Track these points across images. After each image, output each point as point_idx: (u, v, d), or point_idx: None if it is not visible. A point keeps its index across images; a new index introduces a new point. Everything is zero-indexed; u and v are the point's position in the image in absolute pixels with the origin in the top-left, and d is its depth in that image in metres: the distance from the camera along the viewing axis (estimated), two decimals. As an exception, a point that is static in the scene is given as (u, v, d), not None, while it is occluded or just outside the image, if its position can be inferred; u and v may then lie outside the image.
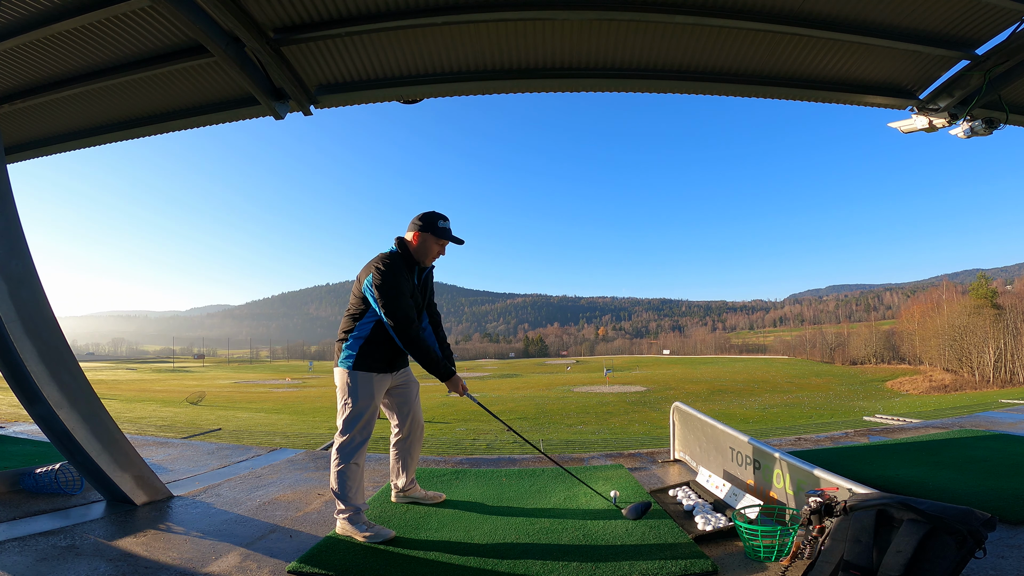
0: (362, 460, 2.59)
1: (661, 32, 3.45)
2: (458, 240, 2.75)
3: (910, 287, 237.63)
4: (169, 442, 4.98)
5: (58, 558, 2.24)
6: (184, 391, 52.53)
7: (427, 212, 2.72)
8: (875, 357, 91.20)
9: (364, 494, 2.63)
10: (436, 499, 3.05)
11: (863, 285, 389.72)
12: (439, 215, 2.73)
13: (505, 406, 41.91)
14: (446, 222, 2.73)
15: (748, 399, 46.69)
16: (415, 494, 3.05)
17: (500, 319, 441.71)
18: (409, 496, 3.04)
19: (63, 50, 3.44)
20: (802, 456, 2.71)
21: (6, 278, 2.59)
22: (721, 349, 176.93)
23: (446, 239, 2.72)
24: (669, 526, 2.57)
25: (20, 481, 3.22)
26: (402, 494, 3.03)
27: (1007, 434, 4.39)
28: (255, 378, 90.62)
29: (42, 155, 4.73)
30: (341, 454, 2.55)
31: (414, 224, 2.71)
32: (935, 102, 4.20)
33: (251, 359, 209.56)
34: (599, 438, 26.80)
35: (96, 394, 2.92)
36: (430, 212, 2.72)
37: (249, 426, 30.07)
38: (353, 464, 2.54)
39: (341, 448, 2.56)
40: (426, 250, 2.71)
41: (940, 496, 2.70)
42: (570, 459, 4.13)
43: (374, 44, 3.47)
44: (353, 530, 2.48)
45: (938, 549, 1.60)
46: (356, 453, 2.56)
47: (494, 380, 78.84)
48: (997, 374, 58.69)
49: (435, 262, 2.82)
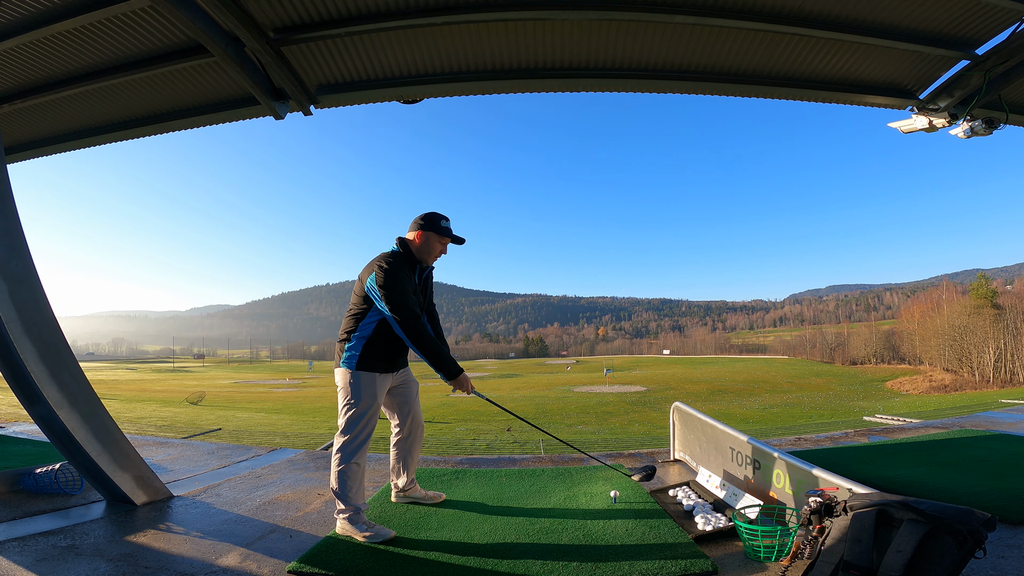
0: (363, 460, 2.59)
1: (661, 32, 3.45)
2: (459, 239, 2.78)
3: (910, 287, 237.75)
4: (169, 442, 4.98)
5: (58, 558, 2.24)
6: (184, 391, 52.53)
7: (429, 212, 2.76)
8: (875, 357, 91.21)
9: (364, 494, 2.63)
10: (436, 499, 3.06)
11: (863, 285, 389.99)
12: (441, 215, 2.77)
13: (505, 406, 41.79)
14: (447, 222, 2.77)
15: (748, 399, 46.68)
16: (415, 494, 3.05)
17: (500, 319, 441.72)
18: (409, 496, 3.04)
19: (63, 50, 3.44)
20: (802, 456, 2.71)
21: (6, 278, 2.59)
22: (721, 349, 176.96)
23: (448, 238, 2.75)
24: (669, 526, 2.57)
25: (20, 481, 3.22)
26: (402, 494, 3.04)
27: (1007, 434, 4.39)
28: (255, 378, 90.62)
29: (42, 155, 4.73)
30: (342, 454, 2.55)
31: (416, 223, 2.73)
32: (935, 102, 4.20)
33: (251, 359, 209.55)
34: (599, 438, 26.80)
35: (96, 394, 2.92)
36: (432, 212, 2.76)
37: (249, 426, 30.07)
38: (354, 464, 2.54)
39: (342, 448, 2.56)
40: (429, 248, 2.73)
41: (940, 496, 2.70)
42: (570, 459, 4.13)
43: (374, 44, 3.48)
44: (353, 530, 2.48)
45: (938, 549, 1.60)
46: (357, 453, 2.56)
47: (494, 380, 78.82)
48: (997, 374, 58.69)
49: (435, 263, 2.84)
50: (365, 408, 2.59)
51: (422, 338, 2.55)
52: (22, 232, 2.67)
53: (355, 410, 2.58)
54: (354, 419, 2.58)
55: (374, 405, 2.63)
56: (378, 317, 2.61)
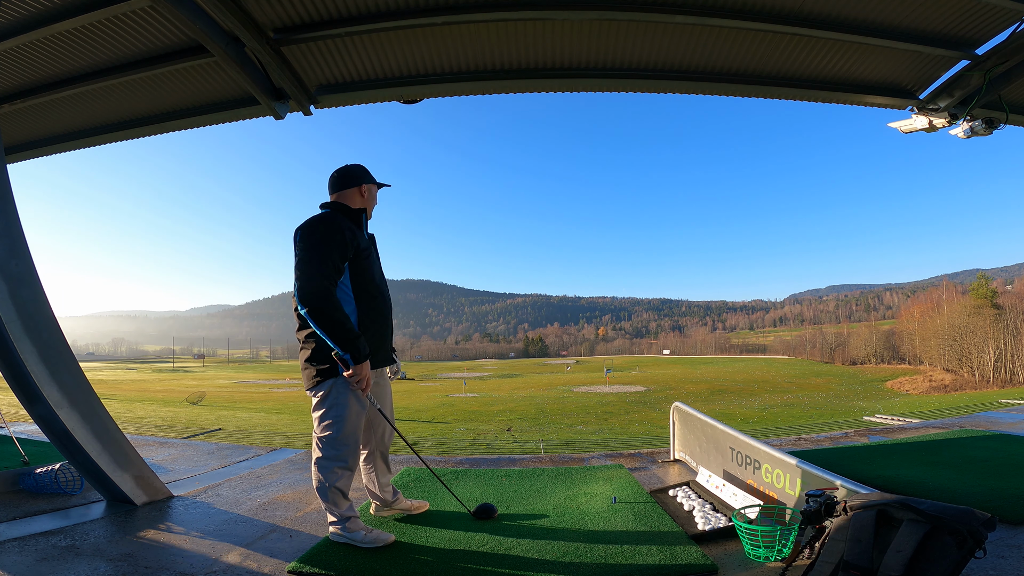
0: (355, 465, 2.52)
1: (661, 32, 3.45)
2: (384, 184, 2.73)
3: (910, 287, 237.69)
4: (169, 442, 4.98)
5: (58, 558, 2.24)
6: (184, 391, 52.54)
7: (342, 168, 2.63)
8: (875, 357, 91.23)
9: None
10: (420, 508, 2.88)
11: (863, 285, 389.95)
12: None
13: (505, 406, 41.88)
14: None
15: (748, 399, 46.69)
16: (400, 505, 2.85)
17: (500, 319, 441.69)
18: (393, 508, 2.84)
19: (63, 50, 3.44)
20: (802, 456, 2.71)
21: (6, 278, 2.59)
22: (721, 349, 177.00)
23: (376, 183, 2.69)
24: (669, 526, 2.57)
25: (20, 481, 3.22)
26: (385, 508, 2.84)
27: (1007, 434, 4.39)
28: (255, 378, 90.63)
29: (42, 155, 4.73)
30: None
31: (349, 181, 2.59)
32: (935, 102, 4.20)
33: (251, 359, 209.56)
34: (599, 438, 26.80)
35: (96, 394, 2.92)
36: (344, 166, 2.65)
37: (249, 426, 30.08)
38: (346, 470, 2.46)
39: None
40: (374, 197, 2.68)
41: (940, 496, 2.70)
42: (570, 459, 4.13)
43: (374, 44, 3.48)
44: (351, 538, 2.44)
45: (938, 549, 1.60)
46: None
47: (494, 380, 78.81)
48: (997, 374, 58.71)
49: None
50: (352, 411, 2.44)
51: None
52: (22, 232, 2.67)
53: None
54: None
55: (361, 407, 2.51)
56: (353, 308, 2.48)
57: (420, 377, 21.56)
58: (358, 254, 2.43)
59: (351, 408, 2.37)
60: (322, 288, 2.22)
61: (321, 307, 2.21)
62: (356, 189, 2.60)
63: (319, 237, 2.30)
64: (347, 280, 2.41)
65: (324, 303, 2.21)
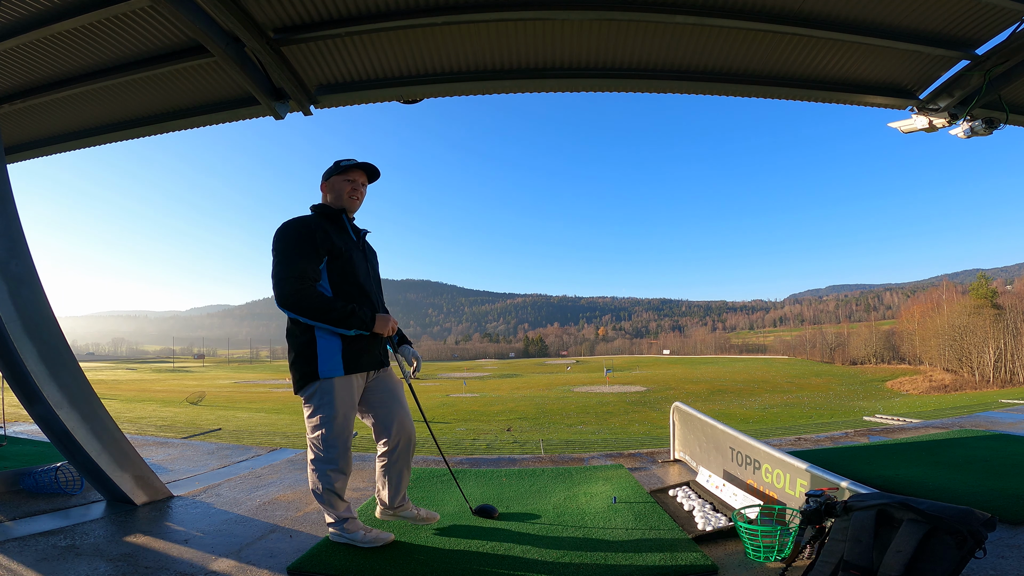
0: (348, 467, 2.47)
1: (661, 32, 3.45)
2: (366, 165, 2.53)
3: (910, 287, 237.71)
4: (169, 442, 4.98)
5: (58, 558, 2.24)
6: (184, 391, 52.54)
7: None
8: (875, 357, 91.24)
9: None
10: (431, 519, 2.73)
11: (863, 285, 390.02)
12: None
13: (505, 406, 41.88)
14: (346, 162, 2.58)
15: (748, 399, 46.70)
16: (406, 512, 2.74)
17: (500, 319, 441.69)
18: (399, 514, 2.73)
19: (63, 50, 3.44)
20: (802, 456, 2.71)
21: (6, 278, 2.59)
22: (721, 349, 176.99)
23: (352, 170, 2.51)
24: (669, 526, 2.57)
25: (20, 481, 3.22)
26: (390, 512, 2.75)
27: (1007, 434, 4.40)
28: (255, 378, 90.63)
29: (42, 155, 4.73)
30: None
31: (322, 180, 2.54)
32: (935, 102, 4.20)
33: (251, 359, 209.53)
34: (599, 438, 26.81)
35: (96, 394, 2.92)
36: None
37: (249, 426, 30.10)
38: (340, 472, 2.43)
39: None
40: (339, 191, 2.49)
41: (940, 496, 2.70)
42: (570, 459, 4.13)
43: (374, 44, 3.48)
44: (350, 538, 2.45)
45: (938, 549, 1.60)
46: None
47: (494, 380, 78.83)
48: (997, 374, 58.71)
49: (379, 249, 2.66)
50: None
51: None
52: (22, 232, 2.67)
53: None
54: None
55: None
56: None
57: (420, 377, 21.69)
58: (336, 255, 2.37)
59: (338, 408, 2.33)
60: (292, 290, 2.24)
61: (299, 305, 2.25)
62: (322, 187, 2.54)
63: (284, 243, 2.31)
64: (325, 282, 2.37)
65: (299, 300, 2.25)
